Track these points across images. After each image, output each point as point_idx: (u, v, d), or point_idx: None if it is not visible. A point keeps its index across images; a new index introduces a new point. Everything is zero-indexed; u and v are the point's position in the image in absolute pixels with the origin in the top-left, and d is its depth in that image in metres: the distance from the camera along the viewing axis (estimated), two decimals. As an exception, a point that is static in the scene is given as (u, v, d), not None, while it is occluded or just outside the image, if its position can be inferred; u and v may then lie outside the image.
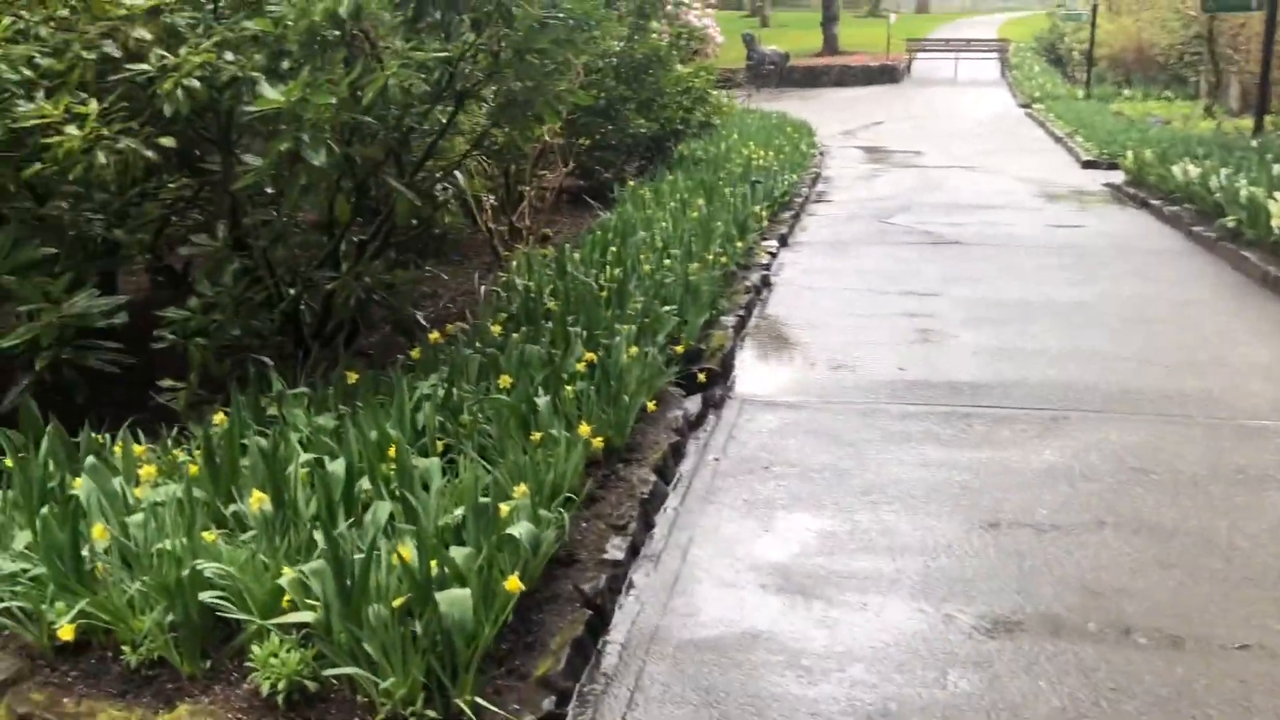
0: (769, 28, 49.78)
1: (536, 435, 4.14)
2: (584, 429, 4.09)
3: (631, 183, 11.45)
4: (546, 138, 9.21)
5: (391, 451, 3.83)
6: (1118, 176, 14.63)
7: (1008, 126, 22.59)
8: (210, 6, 4.88)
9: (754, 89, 30.93)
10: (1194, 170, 11.15)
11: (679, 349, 5.79)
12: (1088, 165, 16.26)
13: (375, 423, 4.04)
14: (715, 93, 17.04)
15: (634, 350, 5.19)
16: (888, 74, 33.24)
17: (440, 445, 4.04)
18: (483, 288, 6.81)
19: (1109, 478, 4.65)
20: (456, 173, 8.89)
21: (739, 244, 8.52)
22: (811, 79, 33.43)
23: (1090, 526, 4.18)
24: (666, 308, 6.31)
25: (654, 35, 13.76)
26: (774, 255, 9.51)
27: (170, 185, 5.59)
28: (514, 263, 7.56)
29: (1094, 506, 4.36)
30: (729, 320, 6.96)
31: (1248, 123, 18.24)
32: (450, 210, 9.34)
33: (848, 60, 35.01)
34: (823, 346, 6.76)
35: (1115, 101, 24.83)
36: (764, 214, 10.49)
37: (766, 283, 8.50)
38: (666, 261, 7.35)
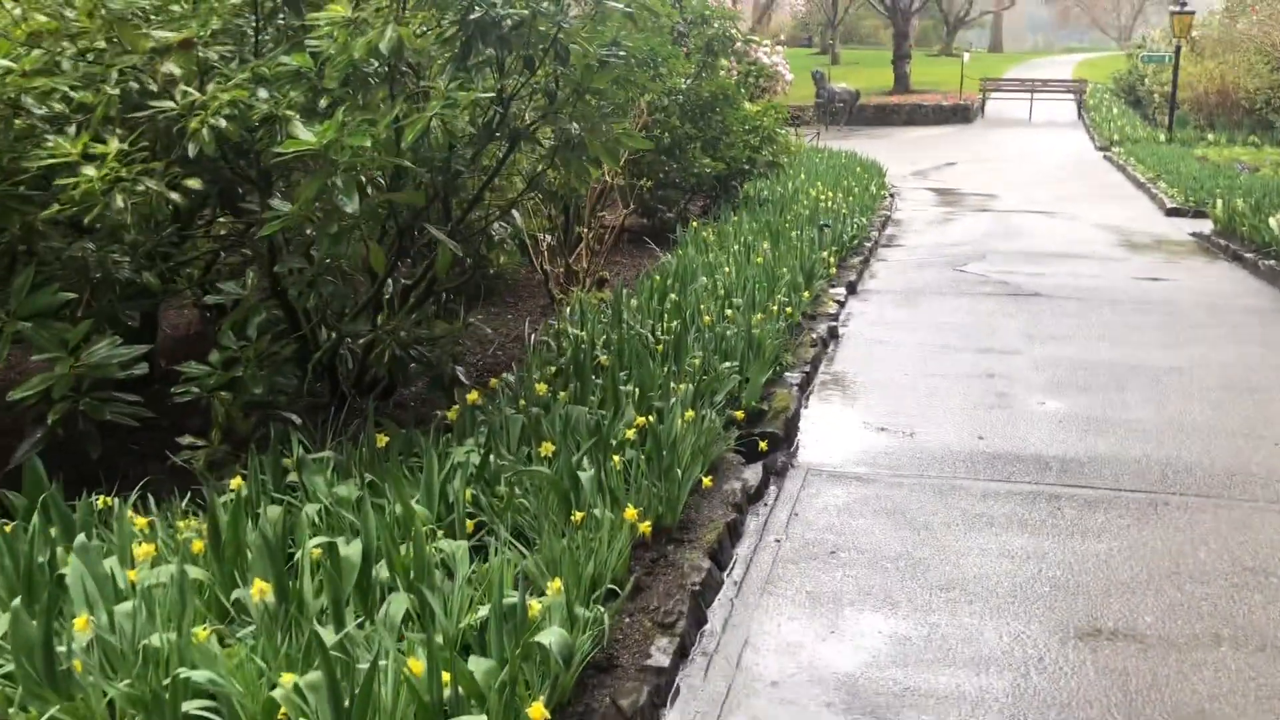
0: (839, 65, 49.40)
1: (578, 515, 3.74)
2: (630, 513, 3.68)
3: (695, 223, 11.08)
4: (607, 177, 8.87)
5: (420, 526, 3.46)
6: (1205, 226, 13.94)
7: (1086, 170, 21.89)
8: (253, 39, 4.61)
9: (823, 127, 30.51)
10: (1293, 224, 10.50)
11: (739, 414, 5.37)
12: (1172, 213, 15.57)
13: (400, 495, 3.67)
14: (783, 131, 16.68)
15: (690, 414, 4.78)
16: (961, 114, 32.63)
17: (471, 525, 3.65)
18: (532, 336, 6.45)
19: (1221, 579, 4.12)
20: (514, 211, 8.63)
21: (805, 294, 8.08)
22: (882, 117, 32.94)
23: (1204, 641, 3.66)
24: (727, 364, 5.89)
25: (722, 73, 13.43)
26: (842, 304, 9.05)
27: (221, 220, 5.34)
28: (568, 308, 7.21)
29: (1206, 615, 3.84)
30: (794, 377, 6.51)
31: (1344, 171, 17.42)
32: (506, 250, 9.09)
33: (919, 99, 34.46)
34: (894, 409, 6.29)
35: (1199, 146, 24.00)
36: (832, 259, 10.04)
37: (834, 334, 8.04)
38: (728, 311, 6.94)
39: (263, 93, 4.06)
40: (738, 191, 13.58)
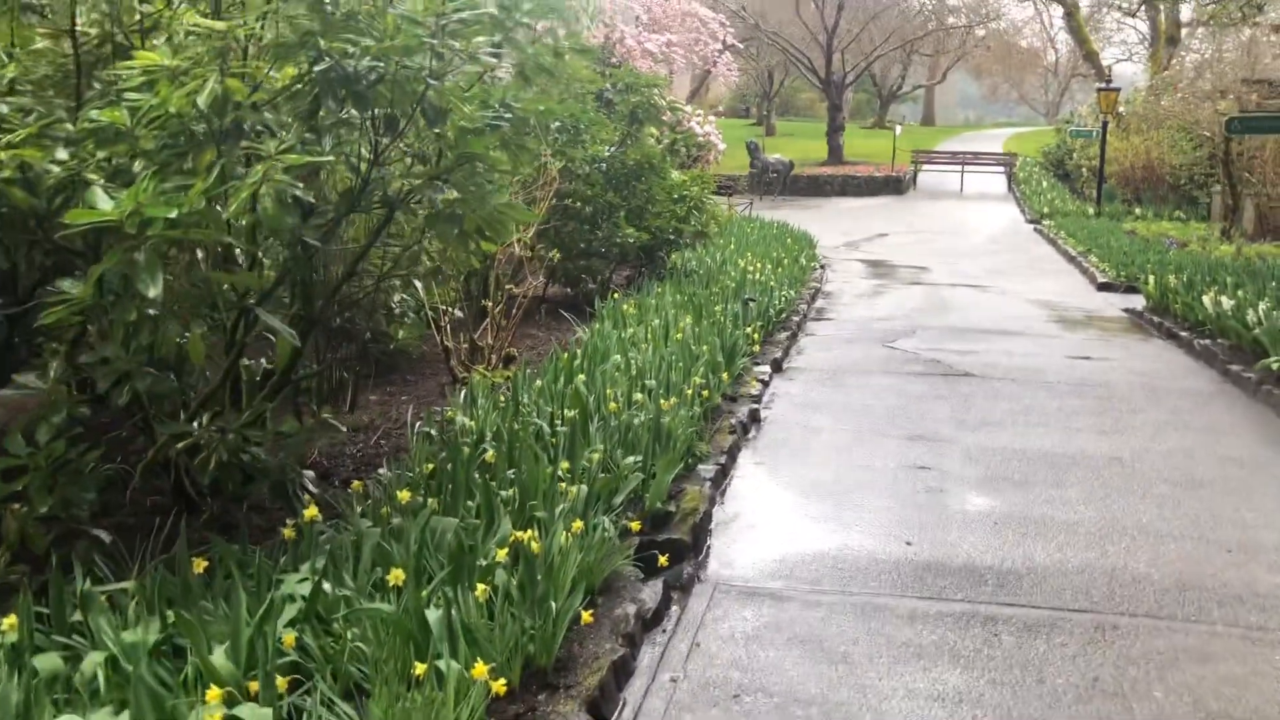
0: (775, 136, 49.81)
1: (419, 668, 3.07)
2: (479, 669, 3.01)
3: (615, 295, 10.54)
4: (515, 248, 8.30)
5: (213, 695, 2.77)
6: (1137, 301, 13.73)
7: (1017, 243, 21.86)
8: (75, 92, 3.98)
9: (757, 196, 30.41)
10: (1227, 301, 10.22)
11: (634, 524, 4.73)
12: (1104, 288, 15.40)
13: (197, 645, 2.98)
14: (713, 200, 16.31)
15: (578, 526, 4.15)
16: (893, 185, 32.77)
17: (283, 684, 2.96)
18: (419, 424, 5.79)
19: (1184, 728, 3.56)
20: (417, 283, 7.99)
21: (725, 375, 7.52)
22: (816, 188, 32.96)
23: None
24: (631, 458, 5.29)
25: (651, 140, 13.02)
26: (766, 383, 8.52)
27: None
28: (462, 391, 6.57)
29: (1170, 777, 3.27)
30: (707, 470, 5.92)
31: (1269, 248, 17.46)
32: (406, 324, 8.45)
33: (853, 170, 34.62)
34: (817, 509, 5.70)
35: (1127, 220, 24.17)
36: (756, 336, 9.53)
37: (756, 418, 7.48)
38: (638, 396, 6.34)
39: (62, 153, 3.42)
40: (664, 261, 13.09)
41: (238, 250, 3.90)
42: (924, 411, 7.83)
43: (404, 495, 4.16)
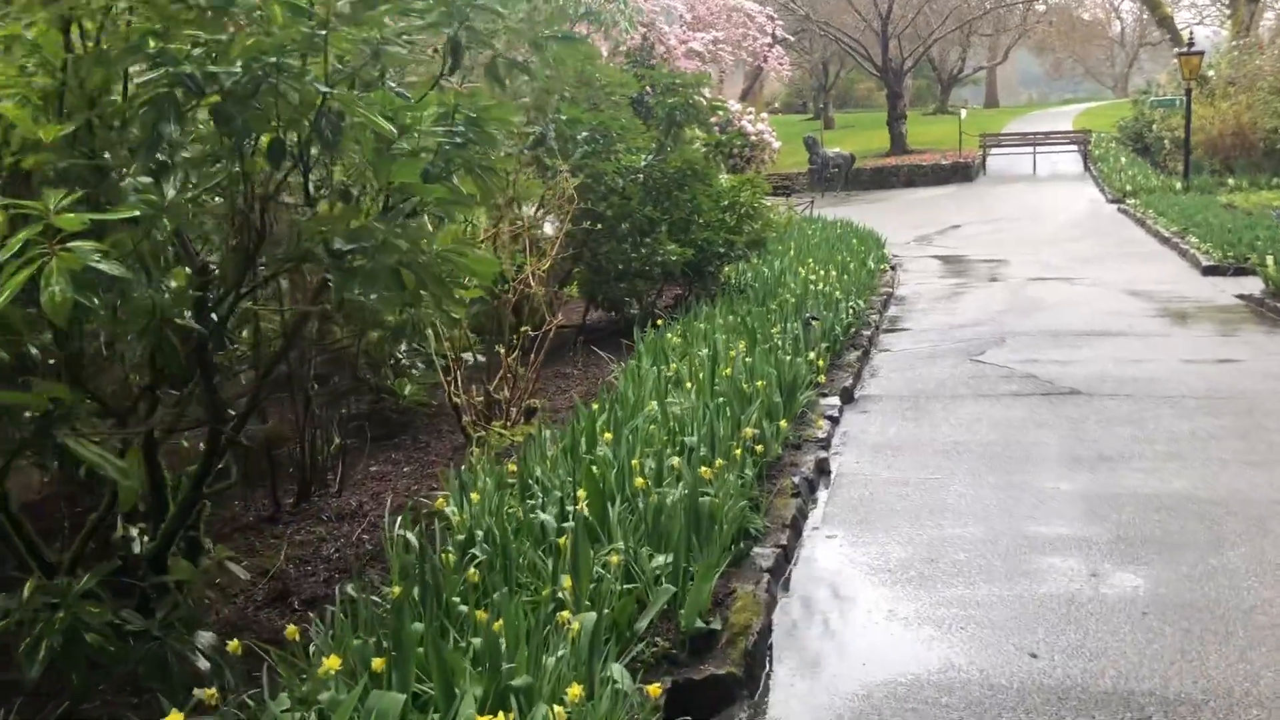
0: (834, 129, 48.27)
1: None
2: None
3: (659, 323, 9.35)
4: (532, 283, 7.16)
5: None
6: (1253, 285, 12.18)
7: (1102, 226, 20.21)
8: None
9: (818, 194, 29.02)
10: (1377, 285, 8.69)
11: (654, 690, 3.50)
12: (1210, 272, 13.81)
13: None
14: (767, 204, 15.06)
15: (575, 693, 2.97)
16: (961, 172, 31.11)
17: None
18: (398, 523, 4.65)
19: None
20: (428, 330, 6.92)
21: (782, 423, 6.28)
22: (880, 180, 31.45)
23: None
24: (660, 559, 4.10)
25: (697, 144, 11.81)
26: (835, 420, 7.26)
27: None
28: (471, 461, 5.44)
29: None
30: (764, 555, 4.69)
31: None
32: (413, 378, 7.36)
33: (918, 159, 33.00)
34: (907, 609, 4.43)
35: (1220, 193, 22.35)
36: (822, 361, 8.27)
37: (824, 470, 6.24)
38: (675, 460, 5.14)
39: None
40: (715, 277, 11.88)
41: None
42: (1028, 447, 6.50)
43: (331, 663, 3.01)
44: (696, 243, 11.03)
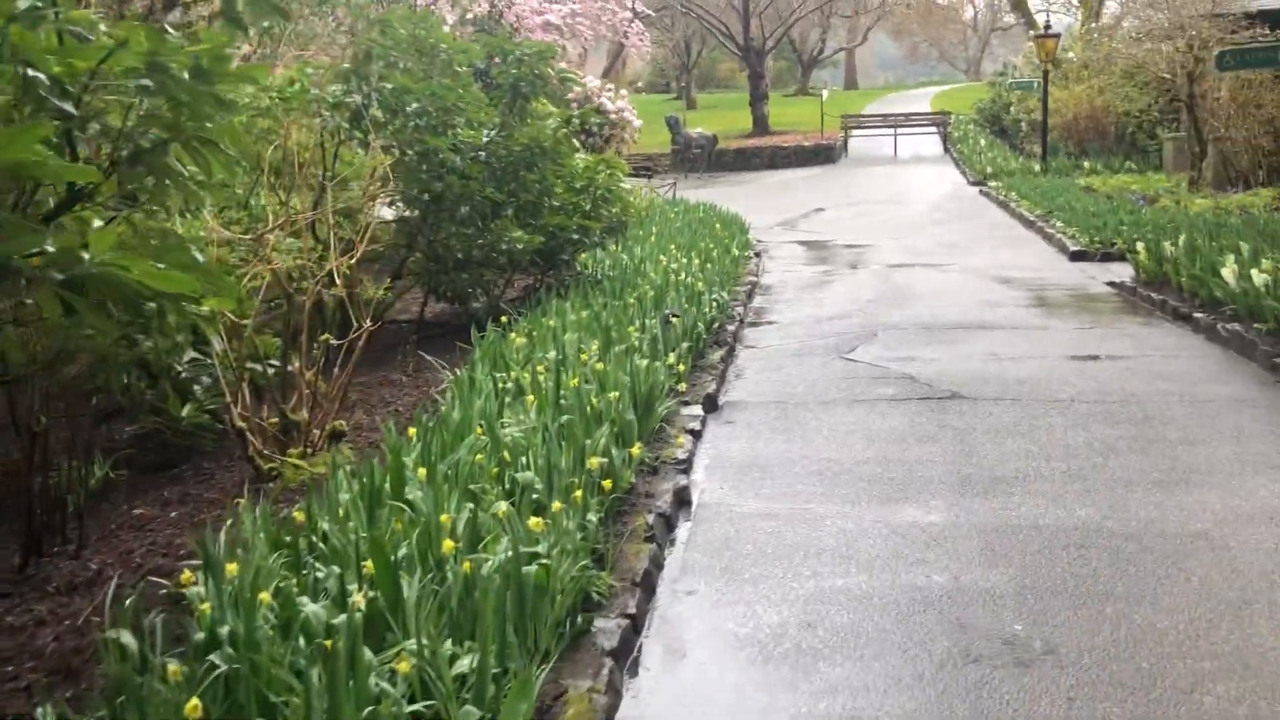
0: (697, 110, 47.74)
1: None
2: None
3: (505, 318, 8.33)
4: (336, 282, 6.03)
5: None
6: (1122, 271, 11.88)
7: (966, 209, 19.98)
8: None
9: (681, 176, 28.30)
10: (1259, 276, 8.26)
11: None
12: (1077, 257, 13.50)
13: None
14: (627, 186, 14.15)
15: None
16: (824, 154, 30.84)
17: None
18: (126, 607, 3.54)
19: None
20: (214, 337, 5.80)
21: (635, 449, 5.35)
22: (743, 162, 30.94)
23: None
24: (464, 661, 3.13)
25: (548, 121, 10.77)
26: (697, 435, 6.38)
27: None
28: (231, 520, 4.34)
29: None
30: (607, 633, 3.74)
31: (1244, 198, 15.70)
32: (196, 396, 6.18)
33: (780, 140, 32.64)
34: (783, 701, 3.57)
35: (1078, 176, 22.46)
36: (684, 365, 7.40)
37: (684, 501, 5.34)
38: (501, 506, 4.15)
39: None
40: (571, 266, 10.92)
41: None
42: (911, 466, 5.74)
43: None
44: (548, 229, 10.04)
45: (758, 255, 14.60)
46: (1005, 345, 8.64)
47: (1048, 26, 24.86)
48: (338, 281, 5.92)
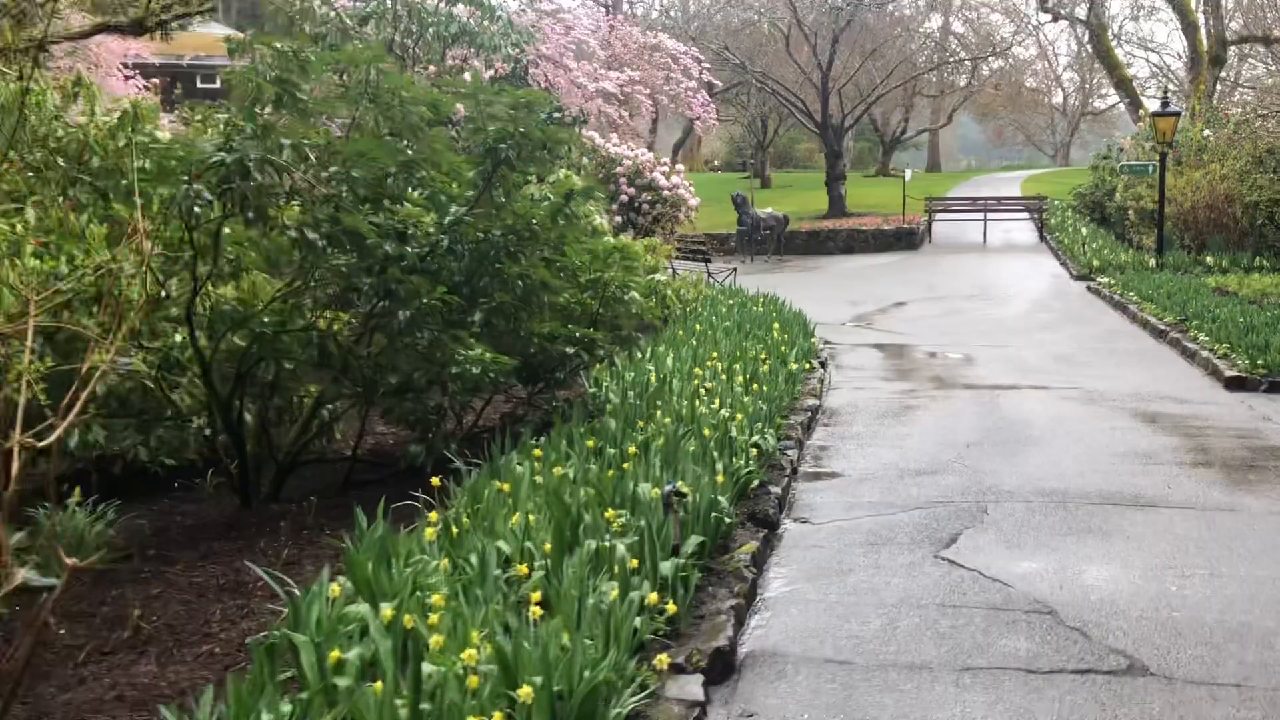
0: (770, 189, 45.38)
1: None
2: None
3: (438, 487, 5.66)
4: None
5: None
6: (1307, 412, 8.86)
7: (1075, 310, 16.98)
8: None
9: (747, 258, 25.76)
10: None
11: None
12: (1235, 385, 10.46)
13: None
14: (664, 277, 11.55)
15: None
16: (905, 238, 28.02)
17: None
18: None
19: None
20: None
21: None
22: (816, 245, 28.25)
23: None
24: None
25: (538, 189, 8.23)
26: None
27: None
28: None
29: None
30: None
31: None
32: None
33: (858, 223, 29.89)
34: None
35: (1202, 273, 19.39)
36: (682, 589, 4.63)
37: None
38: None
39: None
40: (566, 384, 8.26)
41: None
42: None
43: None
44: (532, 340, 7.43)
45: (823, 364, 11.80)
46: (1184, 545, 5.73)
47: (1165, 103, 21.89)
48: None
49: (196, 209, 5.46)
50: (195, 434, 6.69)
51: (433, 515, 4.99)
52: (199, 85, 29.13)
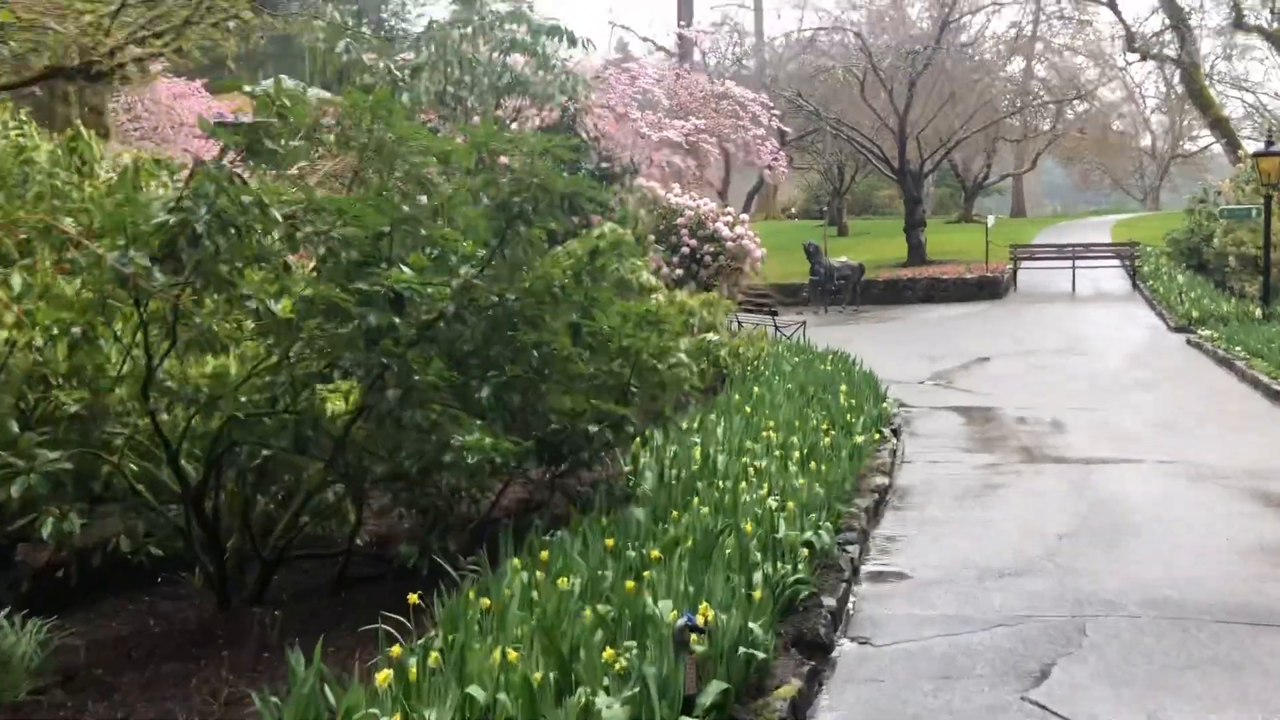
0: (847, 236, 44.15)
1: None
2: None
3: (454, 571, 4.76)
4: None
5: None
6: None
7: (1174, 367, 15.55)
8: None
9: (820, 309, 24.68)
10: None
11: None
12: (1371, 459, 9.14)
13: None
14: (718, 336, 10.62)
15: None
16: (989, 287, 26.63)
17: None
18: None
19: None
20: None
21: None
22: (893, 295, 27.01)
23: None
24: None
25: (580, 244, 7.36)
26: None
27: None
28: None
29: None
30: None
31: None
32: None
33: (938, 271, 28.58)
34: None
35: (1317, 325, 17.75)
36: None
37: None
38: None
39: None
40: (590, 466, 7.33)
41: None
42: None
43: None
44: (548, 419, 6.53)
45: (895, 432, 10.69)
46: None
47: (1270, 143, 20.37)
48: None
49: (137, 277, 4.67)
50: (166, 525, 5.93)
51: (394, 650, 4.07)
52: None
